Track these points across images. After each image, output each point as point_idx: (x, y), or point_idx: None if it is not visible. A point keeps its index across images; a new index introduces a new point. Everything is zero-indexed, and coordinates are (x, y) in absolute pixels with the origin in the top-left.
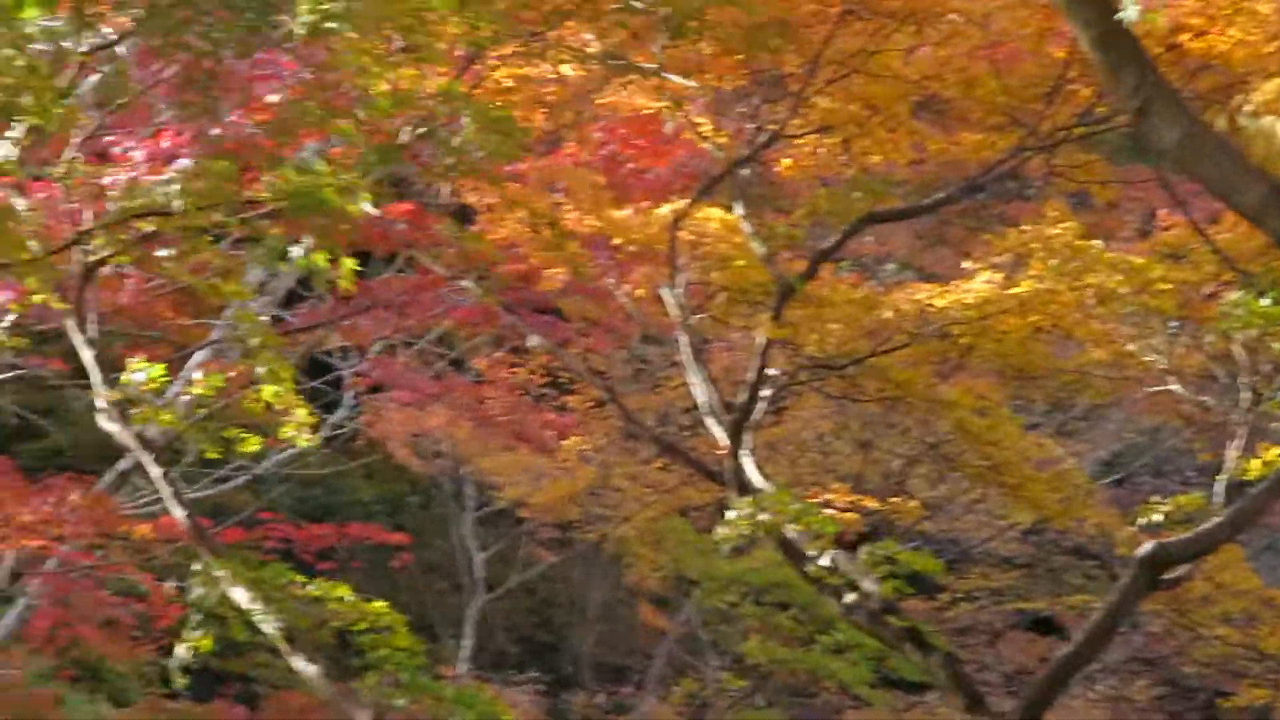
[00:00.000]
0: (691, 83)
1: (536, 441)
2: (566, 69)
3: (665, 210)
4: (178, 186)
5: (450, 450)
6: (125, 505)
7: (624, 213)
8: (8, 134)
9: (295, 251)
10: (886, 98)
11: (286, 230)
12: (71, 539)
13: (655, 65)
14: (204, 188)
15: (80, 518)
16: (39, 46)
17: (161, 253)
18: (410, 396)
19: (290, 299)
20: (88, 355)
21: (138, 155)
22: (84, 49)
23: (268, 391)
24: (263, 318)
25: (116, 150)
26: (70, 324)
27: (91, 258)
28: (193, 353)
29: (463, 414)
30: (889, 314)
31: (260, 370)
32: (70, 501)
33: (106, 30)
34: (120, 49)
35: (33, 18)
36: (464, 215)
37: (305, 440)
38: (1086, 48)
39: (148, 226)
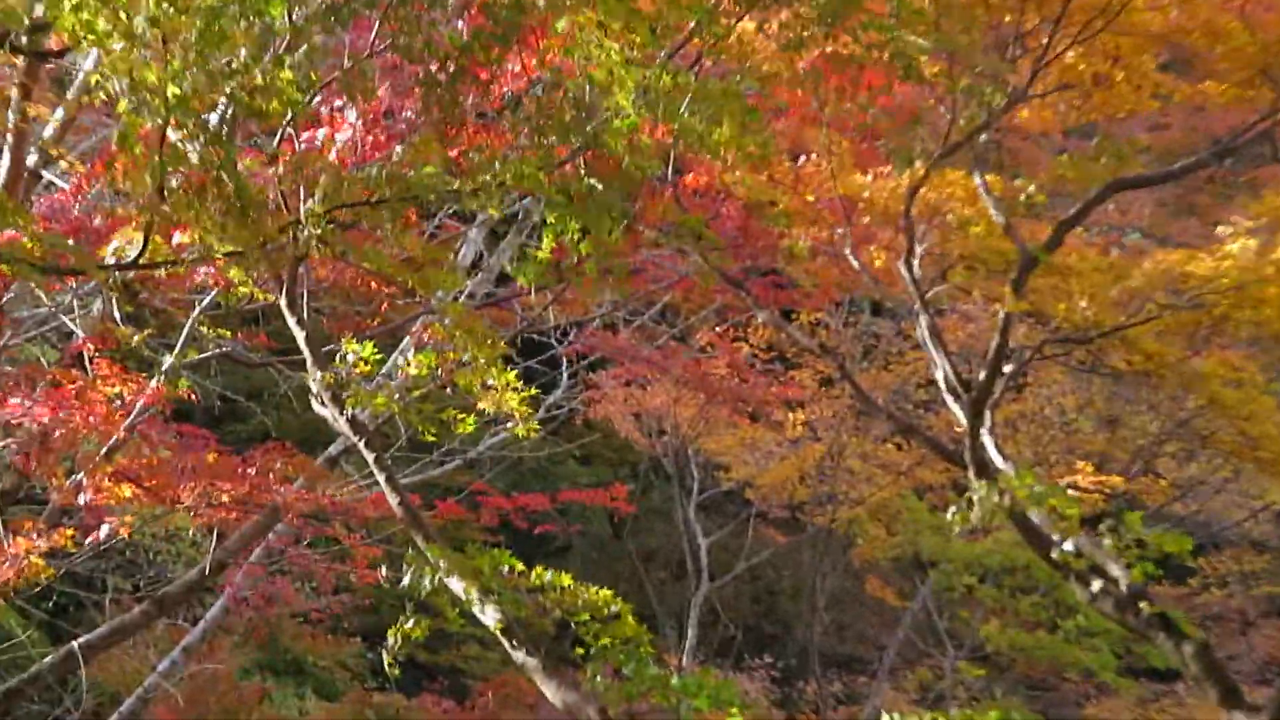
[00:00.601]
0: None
1: (762, 416)
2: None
3: (904, 177)
4: (386, 173)
5: (673, 430)
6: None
7: (865, 178)
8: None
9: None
10: (1130, 50)
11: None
12: (283, 508)
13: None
14: (415, 179)
15: (291, 491)
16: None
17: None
18: (630, 373)
19: (504, 277)
20: (301, 336)
21: (351, 116)
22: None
23: (475, 379)
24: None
25: (325, 112)
26: (283, 304)
27: (303, 237)
28: (404, 325)
29: (686, 390)
30: (1138, 282)
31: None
32: (279, 470)
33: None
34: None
35: (278, 14)
36: (679, 171)
37: (522, 431)
38: None
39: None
